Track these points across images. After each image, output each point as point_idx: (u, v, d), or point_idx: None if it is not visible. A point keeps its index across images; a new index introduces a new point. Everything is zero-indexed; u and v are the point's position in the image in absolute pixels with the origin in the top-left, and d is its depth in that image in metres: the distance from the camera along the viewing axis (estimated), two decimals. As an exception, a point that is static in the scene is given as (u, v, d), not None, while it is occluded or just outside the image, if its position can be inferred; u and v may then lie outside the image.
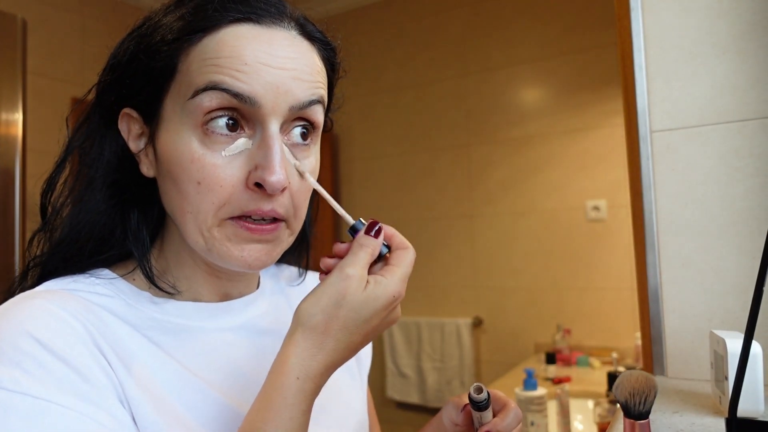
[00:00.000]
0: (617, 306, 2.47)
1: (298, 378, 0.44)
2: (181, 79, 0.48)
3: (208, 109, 0.46)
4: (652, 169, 0.83)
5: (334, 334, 0.45)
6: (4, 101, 1.45)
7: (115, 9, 2.78)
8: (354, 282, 0.45)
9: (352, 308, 0.45)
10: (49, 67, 2.51)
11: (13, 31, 1.47)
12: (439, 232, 2.94)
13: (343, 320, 0.45)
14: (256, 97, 0.46)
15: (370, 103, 3.15)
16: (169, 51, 0.48)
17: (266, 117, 0.47)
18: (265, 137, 0.47)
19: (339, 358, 0.46)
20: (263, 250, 0.49)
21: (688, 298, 0.80)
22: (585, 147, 2.58)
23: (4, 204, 1.43)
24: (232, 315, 0.56)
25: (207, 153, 0.47)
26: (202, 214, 0.48)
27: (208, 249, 0.49)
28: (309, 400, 0.44)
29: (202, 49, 0.47)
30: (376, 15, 3.18)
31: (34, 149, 1.53)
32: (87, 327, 0.45)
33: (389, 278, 0.47)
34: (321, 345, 0.45)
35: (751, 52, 0.78)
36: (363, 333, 0.46)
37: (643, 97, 0.84)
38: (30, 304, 0.44)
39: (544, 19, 2.69)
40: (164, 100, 0.49)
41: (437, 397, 2.87)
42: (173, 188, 0.49)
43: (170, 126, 0.48)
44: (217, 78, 0.46)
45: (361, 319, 0.46)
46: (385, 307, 0.47)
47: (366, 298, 0.45)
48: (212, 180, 0.47)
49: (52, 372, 0.41)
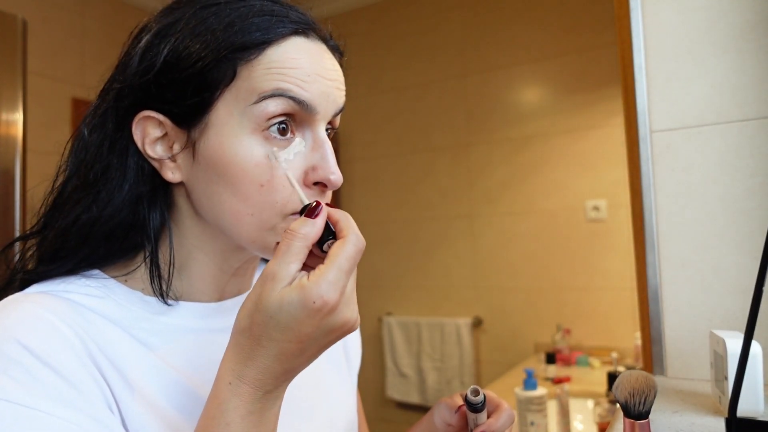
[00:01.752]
0: (617, 306, 2.47)
1: (230, 383, 0.42)
2: (241, 85, 0.49)
3: (272, 114, 0.49)
4: (652, 169, 0.83)
5: (260, 341, 0.41)
6: (4, 101, 1.45)
7: (115, 9, 2.78)
8: (271, 284, 0.41)
9: (267, 312, 0.41)
10: (49, 67, 2.51)
11: (13, 31, 1.47)
12: (438, 232, 2.94)
13: (262, 325, 0.41)
14: (314, 104, 0.50)
15: (370, 103, 3.15)
16: (230, 59, 0.48)
17: (318, 121, 0.52)
18: (317, 139, 0.52)
19: (274, 364, 0.42)
20: None
21: (688, 298, 0.80)
22: (585, 147, 2.58)
23: (4, 204, 1.43)
24: (224, 315, 0.56)
25: (269, 156, 0.49)
26: (266, 213, 0.49)
27: (265, 245, 0.51)
28: (248, 404, 0.41)
29: (266, 58, 0.49)
30: (376, 15, 3.18)
31: (34, 149, 1.53)
32: (77, 331, 0.45)
33: (313, 279, 0.41)
34: (250, 351, 0.42)
35: (751, 52, 0.78)
36: (294, 340, 0.41)
37: (643, 97, 0.84)
38: (18, 308, 0.44)
39: (544, 20, 2.69)
40: (216, 106, 0.49)
41: (437, 397, 2.86)
42: (226, 192, 0.49)
43: (224, 131, 0.49)
44: (285, 86, 0.49)
45: (282, 324, 0.41)
46: (308, 315, 0.40)
47: (281, 302, 0.40)
48: (276, 181, 0.49)
49: (39, 379, 0.41)
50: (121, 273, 0.53)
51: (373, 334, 3.14)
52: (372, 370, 3.12)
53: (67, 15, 2.62)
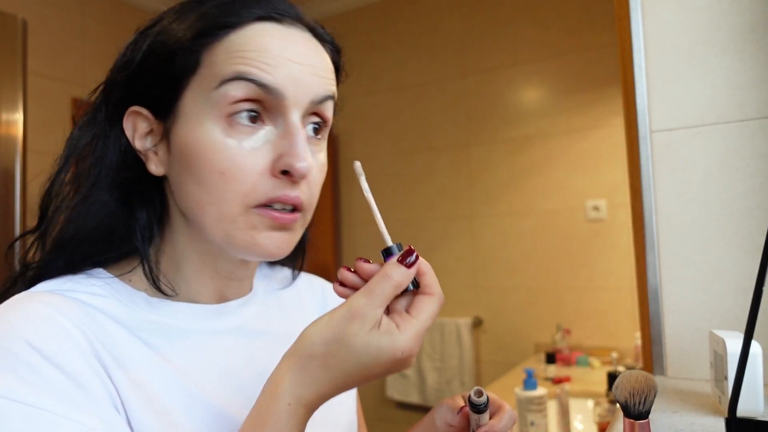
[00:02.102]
0: (617, 306, 2.47)
1: (290, 404, 0.42)
2: (205, 72, 0.49)
3: (233, 99, 0.47)
4: (652, 169, 0.83)
5: (331, 371, 0.43)
6: (4, 101, 1.45)
7: (115, 9, 2.78)
8: (359, 323, 0.42)
9: (353, 351, 0.42)
10: (49, 67, 2.51)
11: (13, 31, 1.47)
12: (438, 232, 2.94)
13: (342, 360, 0.43)
14: (279, 88, 0.48)
15: (370, 103, 3.15)
16: (193, 47, 0.49)
17: (288, 108, 0.49)
18: (288, 127, 0.49)
19: (333, 391, 0.44)
20: (284, 238, 0.50)
21: (688, 298, 0.80)
22: (585, 147, 2.58)
23: (4, 204, 1.43)
24: (226, 317, 0.56)
25: (231, 142, 0.48)
26: (226, 204, 0.48)
27: (230, 239, 0.49)
28: (301, 423, 0.43)
29: (228, 43, 0.48)
30: (376, 15, 3.18)
31: (34, 149, 1.53)
32: (83, 330, 0.45)
33: (402, 332, 0.43)
34: (316, 377, 0.43)
35: (751, 52, 0.78)
36: (362, 376, 0.44)
37: (643, 97, 0.84)
38: (25, 307, 0.44)
39: (543, 20, 2.69)
40: (183, 95, 0.50)
41: (437, 397, 2.87)
42: (191, 181, 0.49)
43: (190, 119, 0.49)
44: (245, 69, 0.47)
45: (361, 363, 0.43)
46: (390, 361, 0.43)
47: (368, 345, 0.42)
48: (237, 169, 0.47)
49: (47, 379, 0.41)
50: (124, 272, 0.53)
51: (373, 334, 3.13)
52: (372, 370, 3.12)
53: (67, 15, 2.62)
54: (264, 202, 0.49)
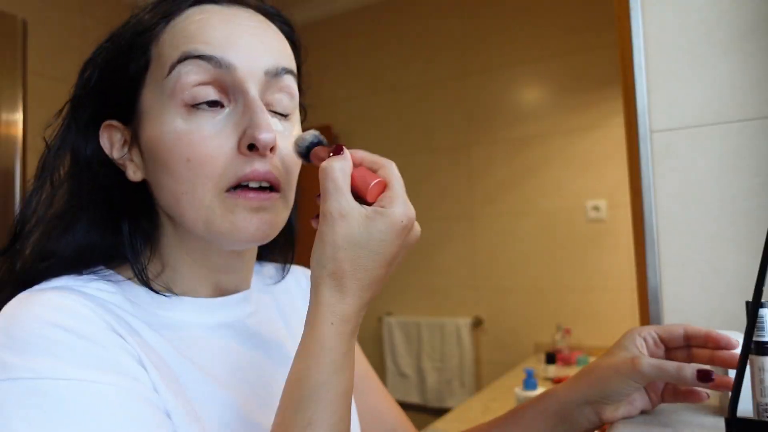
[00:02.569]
0: (617, 306, 2.47)
1: (332, 323, 0.43)
2: (155, 65, 0.49)
3: (187, 85, 0.47)
4: (652, 169, 0.83)
5: (352, 274, 0.44)
6: (4, 101, 1.45)
7: (115, 9, 2.78)
8: (341, 221, 0.43)
9: (357, 245, 0.43)
10: (49, 67, 2.51)
11: (13, 31, 1.47)
12: (439, 232, 2.94)
13: (353, 259, 0.43)
14: (229, 59, 0.48)
15: (370, 103, 3.15)
16: (141, 44, 0.49)
17: (244, 82, 0.48)
18: (247, 101, 0.48)
19: (368, 293, 0.45)
20: (265, 218, 0.50)
21: (688, 298, 0.80)
22: (585, 147, 2.58)
23: (4, 204, 1.43)
24: (226, 310, 0.56)
25: (192, 128, 0.47)
26: (198, 191, 0.48)
27: (209, 227, 0.49)
28: (348, 341, 0.44)
29: (170, 31, 0.49)
30: (376, 15, 3.18)
31: (34, 149, 1.53)
32: (105, 318, 0.45)
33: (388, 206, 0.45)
34: (344, 289, 0.44)
35: (751, 52, 0.78)
36: (384, 264, 0.45)
37: (643, 97, 0.84)
38: (43, 298, 0.44)
39: (544, 20, 2.69)
40: (142, 93, 0.50)
41: (437, 397, 2.87)
42: (164, 176, 0.49)
43: (152, 114, 0.49)
44: (190, 47, 0.47)
45: (374, 252, 0.44)
46: (398, 235, 0.45)
47: (367, 231, 0.43)
48: (202, 153, 0.47)
49: (87, 353, 0.41)
50: (122, 269, 0.53)
51: (373, 334, 3.14)
52: (372, 370, 3.12)
53: (67, 15, 2.62)
54: (235, 182, 0.48)
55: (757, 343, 0.50)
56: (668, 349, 0.61)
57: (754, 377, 0.51)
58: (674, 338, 0.60)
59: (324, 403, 0.42)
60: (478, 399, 1.99)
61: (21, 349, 0.40)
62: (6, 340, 0.41)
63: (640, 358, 0.56)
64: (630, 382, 0.56)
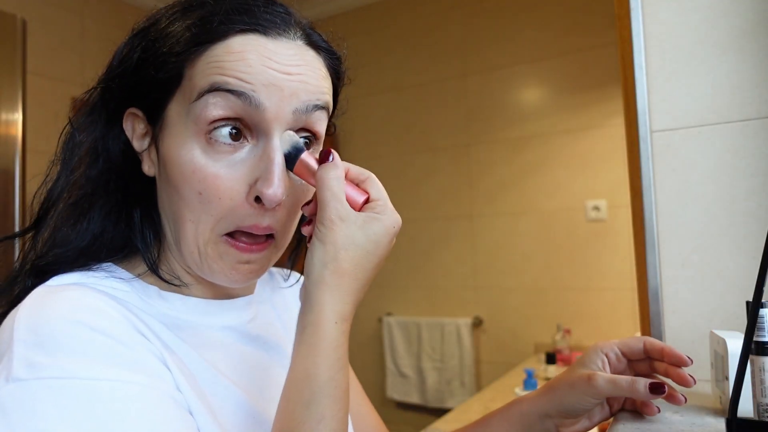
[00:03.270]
0: (617, 306, 2.47)
1: (336, 322, 0.45)
2: (186, 84, 0.48)
3: (213, 117, 0.46)
4: (652, 169, 0.83)
5: (352, 274, 0.46)
6: (4, 101, 1.45)
7: (115, 9, 2.78)
8: (341, 224, 0.46)
9: (357, 246, 0.46)
10: (49, 67, 2.51)
11: (13, 31, 1.47)
12: (439, 232, 2.94)
13: (354, 260, 0.46)
14: (259, 98, 0.46)
15: (370, 103, 3.15)
16: (176, 62, 0.48)
17: (270, 123, 0.47)
18: (267, 148, 0.48)
19: (362, 293, 0.48)
20: (251, 269, 0.51)
21: (688, 298, 0.80)
22: (585, 147, 2.58)
23: (4, 204, 1.43)
24: (233, 313, 0.56)
25: (209, 163, 0.47)
26: (202, 225, 0.48)
27: (199, 263, 0.50)
28: (346, 337, 0.47)
29: (207, 56, 0.47)
30: (376, 15, 3.18)
31: (34, 149, 1.53)
32: (128, 317, 0.45)
33: (381, 210, 0.48)
34: (344, 288, 0.46)
35: (751, 51, 0.78)
36: (377, 264, 0.48)
37: (643, 97, 0.84)
38: (66, 295, 0.44)
39: (544, 19, 2.69)
40: (170, 104, 0.49)
41: (437, 397, 2.86)
42: (174, 194, 0.49)
43: (174, 131, 0.49)
44: (221, 79, 0.46)
45: (371, 253, 0.47)
46: (390, 239, 0.49)
47: (366, 234, 0.47)
48: (212, 192, 0.47)
49: (114, 352, 0.41)
50: (132, 267, 0.53)
51: (373, 334, 3.14)
52: (372, 371, 3.12)
53: (67, 15, 2.62)
54: (234, 230, 0.49)
55: (757, 343, 0.50)
56: (630, 361, 0.64)
57: (754, 377, 0.51)
58: (634, 352, 0.63)
59: (334, 399, 0.44)
60: (478, 399, 1.99)
61: (49, 348, 0.40)
62: (33, 338, 0.40)
63: (595, 374, 0.59)
64: (587, 398, 0.59)
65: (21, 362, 0.39)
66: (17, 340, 0.40)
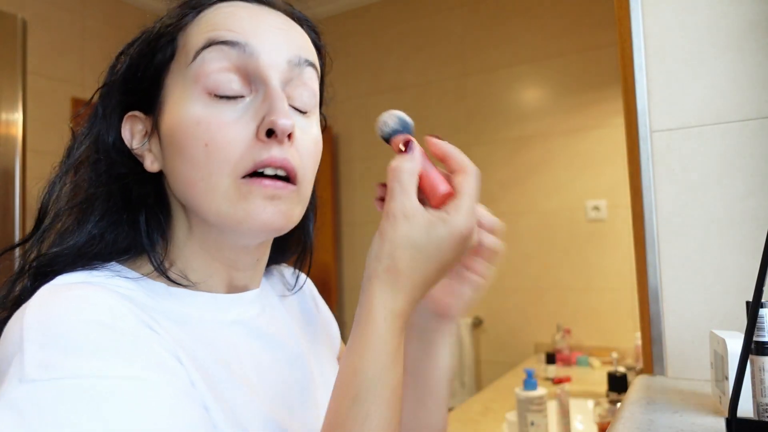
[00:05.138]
0: (617, 306, 2.47)
1: (385, 319, 0.45)
2: (181, 52, 0.50)
3: (210, 71, 0.48)
4: (652, 169, 0.83)
5: (407, 273, 0.46)
6: (4, 101, 1.45)
7: (115, 9, 2.78)
8: (403, 221, 0.46)
9: (415, 247, 0.46)
10: (49, 67, 2.51)
11: (13, 31, 1.47)
12: (439, 232, 2.94)
13: (409, 259, 0.46)
14: (254, 46, 0.49)
15: (370, 103, 3.15)
16: (169, 35, 0.51)
17: (266, 70, 0.49)
18: (267, 90, 0.49)
19: (420, 292, 0.47)
20: (279, 208, 0.49)
21: (688, 298, 0.80)
22: (585, 147, 2.58)
23: (4, 204, 1.43)
24: (241, 307, 0.56)
25: (213, 113, 0.48)
26: (214, 177, 0.48)
27: (223, 215, 0.49)
28: (399, 336, 0.46)
29: (198, 22, 0.51)
30: (376, 15, 3.18)
31: (34, 149, 1.53)
32: (137, 314, 0.45)
33: (453, 215, 0.46)
34: (398, 286, 0.46)
35: (751, 52, 0.78)
36: (439, 268, 0.47)
37: (643, 97, 0.84)
38: (75, 293, 0.44)
39: (544, 19, 2.69)
40: (165, 81, 0.51)
41: (437, 397, 2.86)
42: (180, 163, 0.49)
43: (174, 102, 0.50)
44: (215, 34, 0.49)
45: (431, 255, 0.46)
46: (455, 244, 0.47)
47: (428, 235, 0.46)
48: (221, 138, 0.47)
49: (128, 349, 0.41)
50: (140, 269, 0.53)
51: (373, 334, 3.13)
52: (372, 370, 3.12)
53: (67, 15, 2.62)
54: (252, 168, 0.48)
55: (757, 343, 0.50)
56: None
57: (754, 377, 0.51)
58: None
59: (379, 397, 0.43)
60: (478, 399, 1.99)
61: (61, 348, 0.39)
62: (43, 338, 0.40)
63: None
64: None
65: (33, 363, 0.38)
66: (27, 340, 0.40)
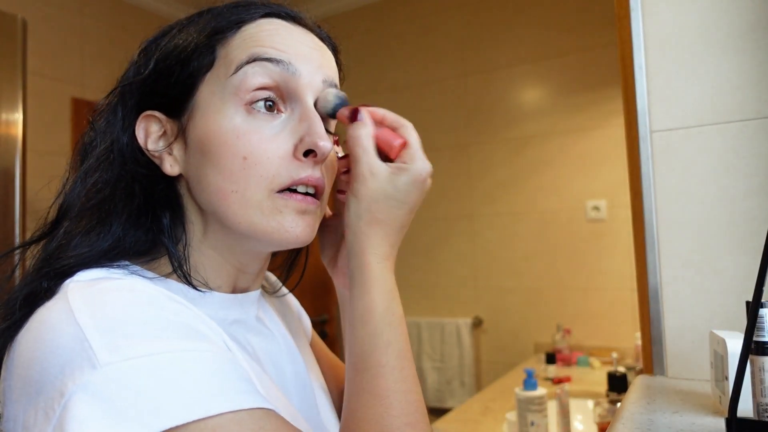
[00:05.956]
0: (617, 306, 2.47)
1: (378, 263, 0.51)
2: (220, 63, 0.51)
3: (252, 86, 0.50)
4: (652, 169, 0.83)
5: (387, 221, 0.51)
6: (4, 101, 1.45)
7: (115, 9, 2.78)
8: (372, 178, 0.50)
9: (387, 196, 0.50)
10: (49, 67, 2.51)
11: (13, 31, 1.47)
12: (439, 232, 2.94)
13: (386, 209, 0.51)
14: (294, 64, 0.51)
15: (370, 103, 3.14)
16: (208, 44, 0.51)
17: (303, 90, 0.52)
18: (304, 110, 0.52)
19: (398, 236, 0.53)
20: (308, 222, 0.52)
21: (688, 298, 0.80)
22: (585, 147, 2.58)
23: (4, 204, 1.43)
24: (244, 307, 0.57)
25: (252, 128, 0.50)
26: (250, 189, 0.49)
27: (254, 226, 0.50)
28: (392, 275, 0.52)
29: (241, 35, 0.52)
30: (376, 15, 3.18)
31: (34, 149, 1.53)
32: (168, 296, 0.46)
33: (410, 163, 0.52)
34: (381, 234, 0.51)
35: (751, 51, 0.78)
36: (409, 211, 0.52)
37: (643, 97, 0.84)
38: (111, 285, 0.45)
39: (544, 19, 2.69)
40: (199, 89, 0.51)
41: (437, 397, 2.87)
42: (212, 172, 0.50)
43: (209, 110, 0.50)
44: (260, 50, 0.50)
45: (401, 201, 0.51)
46: (418, 187, 0.52)
47: (395, 185, 0.50)
48: (260, 153, 0.49)
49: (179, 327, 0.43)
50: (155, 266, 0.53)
51: (373, 334, 3.14)
52: (372, 370, 3.12)
53: (67, 15, 2.62)
54: (288, 185, 0.50)
55: (757, 343, 0.50)
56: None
57: (754, 377, 0.51)
58: None
59: (394, 325, 0.49)
60: (478, 399, 1.99)
61: (125, 331, 0.40)
62: (103, 324, 0.41)
63: None
64: None
65: (103, 348, 0.39)
66: (87, 328, 0.40)
